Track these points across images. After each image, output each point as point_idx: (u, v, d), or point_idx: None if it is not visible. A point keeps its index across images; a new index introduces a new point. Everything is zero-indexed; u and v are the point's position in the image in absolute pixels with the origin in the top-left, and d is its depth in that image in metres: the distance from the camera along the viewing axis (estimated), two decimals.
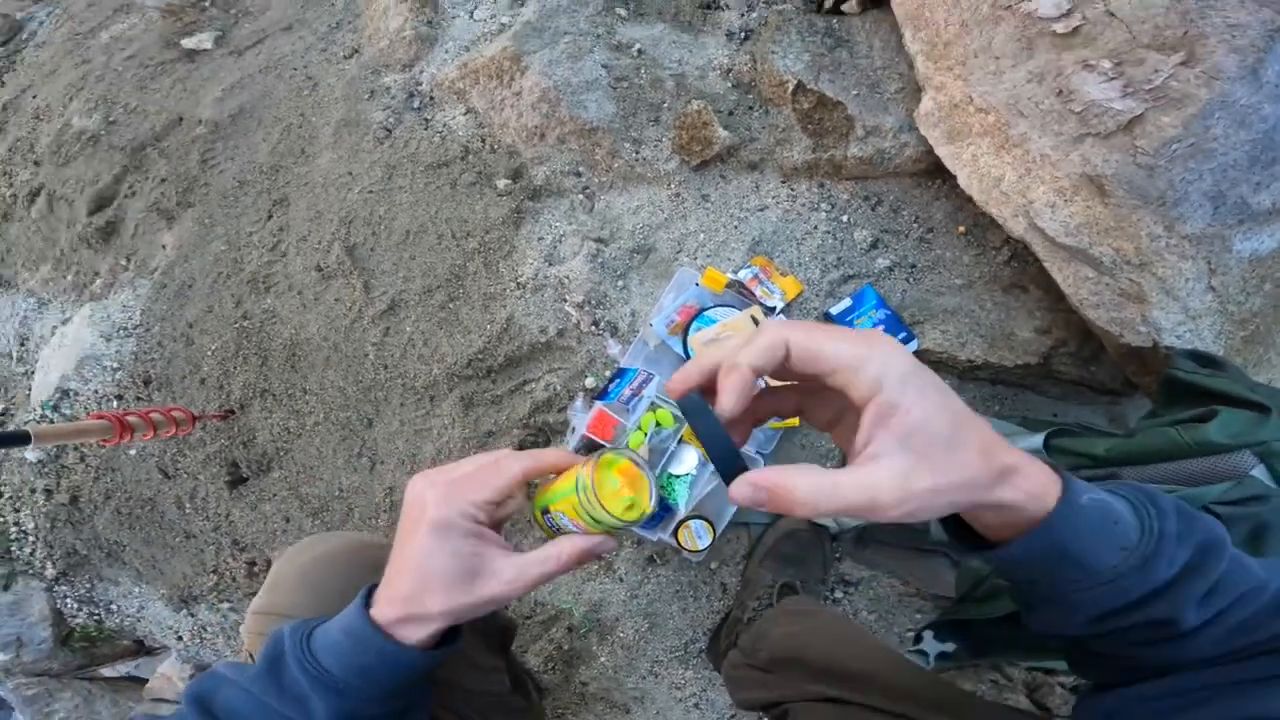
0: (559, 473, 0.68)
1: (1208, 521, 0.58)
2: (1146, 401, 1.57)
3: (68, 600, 1.93)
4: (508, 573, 0.63)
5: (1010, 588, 0.65)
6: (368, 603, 0.66)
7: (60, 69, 2.25)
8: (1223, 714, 0.56)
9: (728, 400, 0.53)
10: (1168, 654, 0.58)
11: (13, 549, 1.92)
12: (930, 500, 0.49)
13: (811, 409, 0.62)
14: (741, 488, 0.52)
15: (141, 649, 2.03)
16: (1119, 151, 1.23)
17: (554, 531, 0.68)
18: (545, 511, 0.68)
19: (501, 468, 0.66)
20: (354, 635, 0.63)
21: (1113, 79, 1.21)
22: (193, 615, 1.89)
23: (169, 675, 1.93)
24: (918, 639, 1.53)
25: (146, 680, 2.00)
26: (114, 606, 1.94)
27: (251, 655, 0.86)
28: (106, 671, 2.01)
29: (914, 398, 0.50)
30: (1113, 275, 1.33)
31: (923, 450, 0.49)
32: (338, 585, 0.87)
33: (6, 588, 1.91)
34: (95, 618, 1.95)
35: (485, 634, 1.08)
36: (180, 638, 1.90)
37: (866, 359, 0.50)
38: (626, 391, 1.48)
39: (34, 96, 2.25)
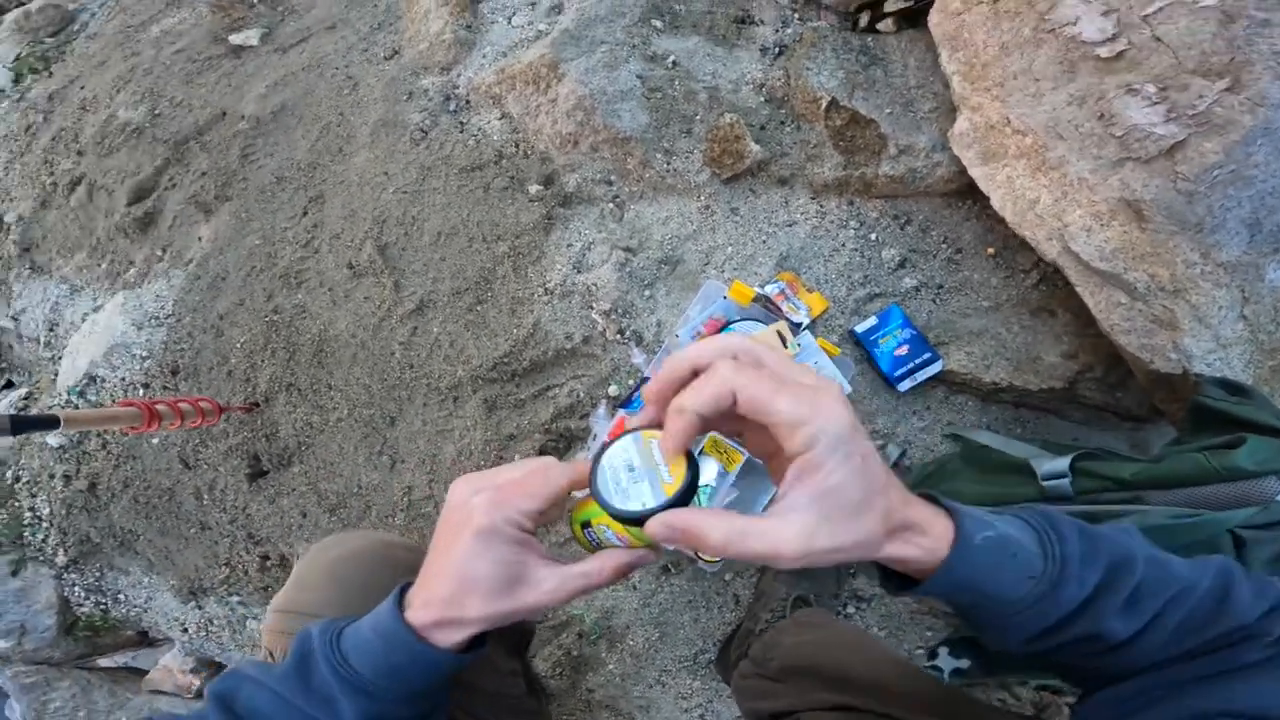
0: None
1: (1113, 538, 0.63)
2: (1169, 429, 1.56)
3: (76, 588, 1.95)
4: (549, 582, 0.62)
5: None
6: (401, 604, 0.65)
7: (109, 61, 2.30)
8: (1169, 713, 0.60)
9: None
10: (1115, 663, 0.63)
11: (25, 534, 1.94)
12: (826, 557, 0.54)
13: (751, 439, 0.66)
14: (656, 526, 0.57)
15: (144, 640, 2.04)
16: (1159, 176, 1.23)
17: (593, 545, 0.66)
18: (586, 525, 0.66)
19: (549, 477, 0.65)
20: (387, 636, 0.63)
21: (1156, 104, 1.20)
22: (200, 608, 1.91)
23: (170, 667, 1.94)
24: (932, 655, 1.53)
25: (145, 671, 2.00)
26: (122, 596, 1.96)
27: (271, 653, 0.86)
28: (103, 662, 2.01)
29: (837, 463, 0.53)
30: (1146, 301, 1.32)
31: (830, 512, 0.53)
32: (364, 584, 0.87)
33: (15, 573, 1.92)
34: (101, 607, 1.96)
35: (505, 637, 1.08)
36: (186, 630, 1.92)
37: (806, 420, 0.53)
38: None
39: (81, 88, 2.30)
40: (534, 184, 1.69)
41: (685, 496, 0.59)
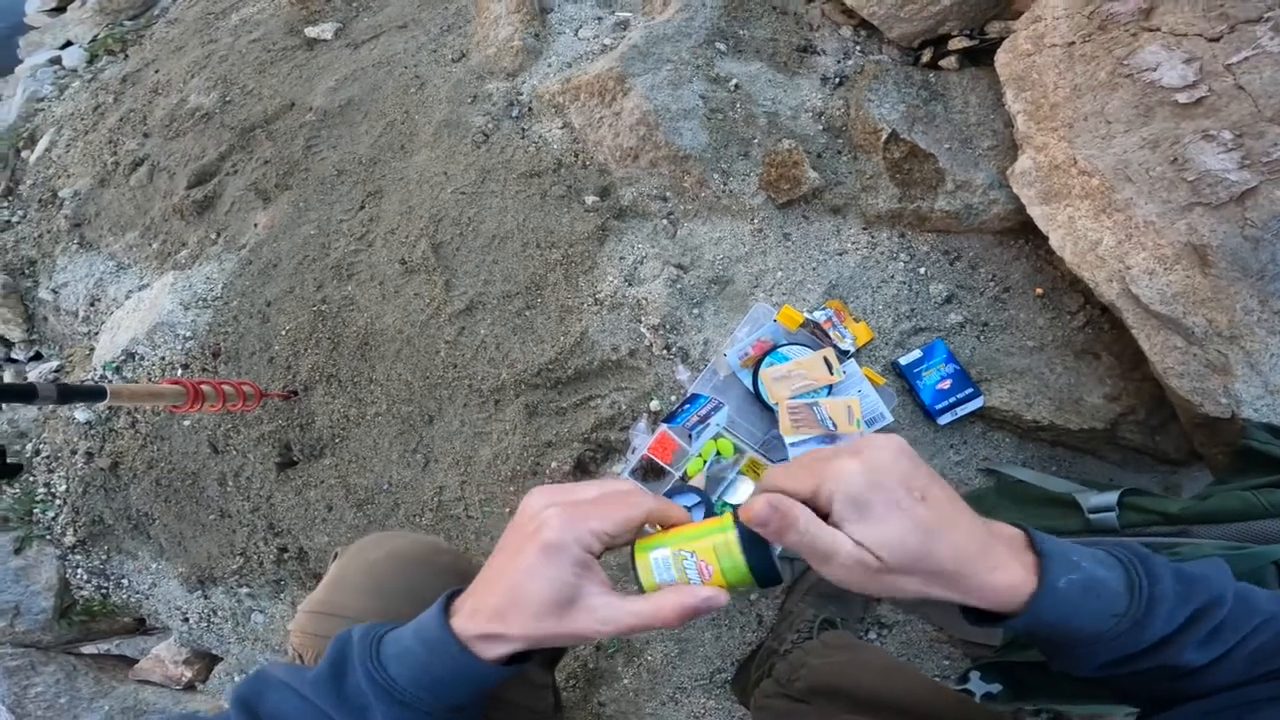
0: (671, 526, 0.66)
1: (1208, 577, 0.64)
2: (1202, 474, 1.58)
3: (79, 570, 1.93)
4: (602, 612, 0.60)
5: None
6: (448, 610, 0.63)
7: (187, 46, 2.35)
8: None
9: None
10: (1186, 687, 0.63)
11: (36, 511, 1.93)
12: (895, 594, 0.60)
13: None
14: (760, 504, 0.60)
15: (140, 628, 1.98)
16: (1228, 223, 1.24)
17: (653, 578, 0.63)
18: (654, 551, 0.64)
19: (631, 501, 0.63)
20: (431, 645, 0.61)
21: (1231, 150, 1.21)
22: (206, 597, 1.88)
23: (162, 658, 1.89)
24: (963, 679, 1.53)
25: (134, 660, 1.94)
26: (126, 581, 1.94)
27: (300, 655, 0.84)
28: (88, 649, 1.95)
29: (861, 519, 0.59)
30: (1202, 346, 1.32)
31: (898, 561, 0.58)
32: (407, 588, 0.85)
33: (18, 551, 1.90)
34: (102, 591, 1.93)
35: (544, 650, 1.09)
36: (187, 619, 1.89)
37: (817, 490, 0.60)
38: (694, 418, 1.51)
39: (156, 71, 2.35)
40: (590, 194, 1.72)
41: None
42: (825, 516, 0.61)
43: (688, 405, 1.52)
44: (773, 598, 1.64)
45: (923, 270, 1.65)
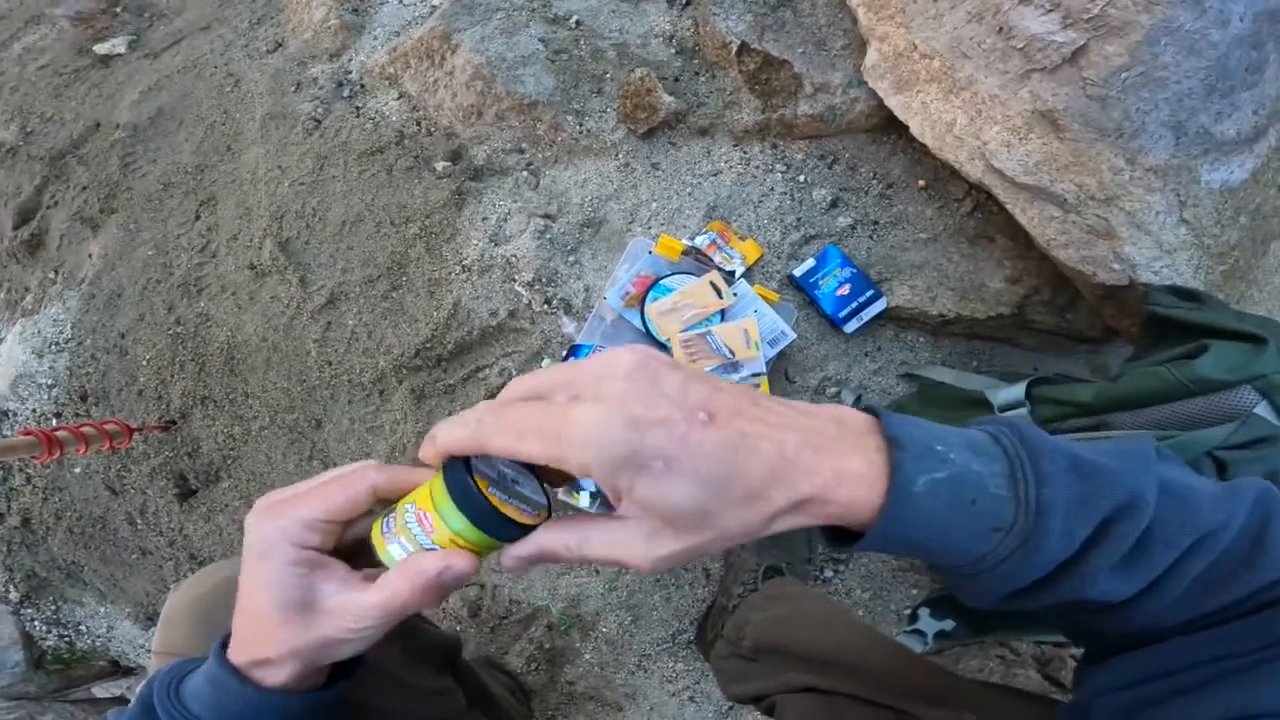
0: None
1: (1119, 472, 0.49)
2: (1129, 350, 1.57)
3: (35, 623, 1.92)
4: (346, 610, 0.54)
5: None
6: (228, 642, 0.59)
7: None
8: (1205, 711, 0.49)
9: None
10: (1117, 626, 0.54)
11: None
12: (685, 558, 0.49)
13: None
14: (510, 560, 0.54)
15: (119, 669, 2.02)
16: (1068, 85, 1.25)
17: (387, 550, 0.54)
18: (385, 518, 0.56)
19: (349, 479, 0.56)
20: (215, 681, 0.58)
21: (1050, 10, 1.22)
22: None
23: None
24: (913, 618, 1.52)
25: (126, 700, 1.98)
26: (83, 628, 1.94)
27: None
28: (99, 692, 2.01)
29: (632, 483, 0.45)
30: (1078, 212, 1.34)
31: (666, 520, 0.47)
32: (230, 618, 0.82)
33: None
34: (66, 639, 1.94)
35: (424, 655, 1.03)
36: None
37: (563, 458, 0.46)
38: None
39: None
40: (440, 160, 1.67)
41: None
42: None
43: (573, 358, 1.48)
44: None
45: (802, 178, 1.65)
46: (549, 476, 0.59)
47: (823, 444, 0.48)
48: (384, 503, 0.57)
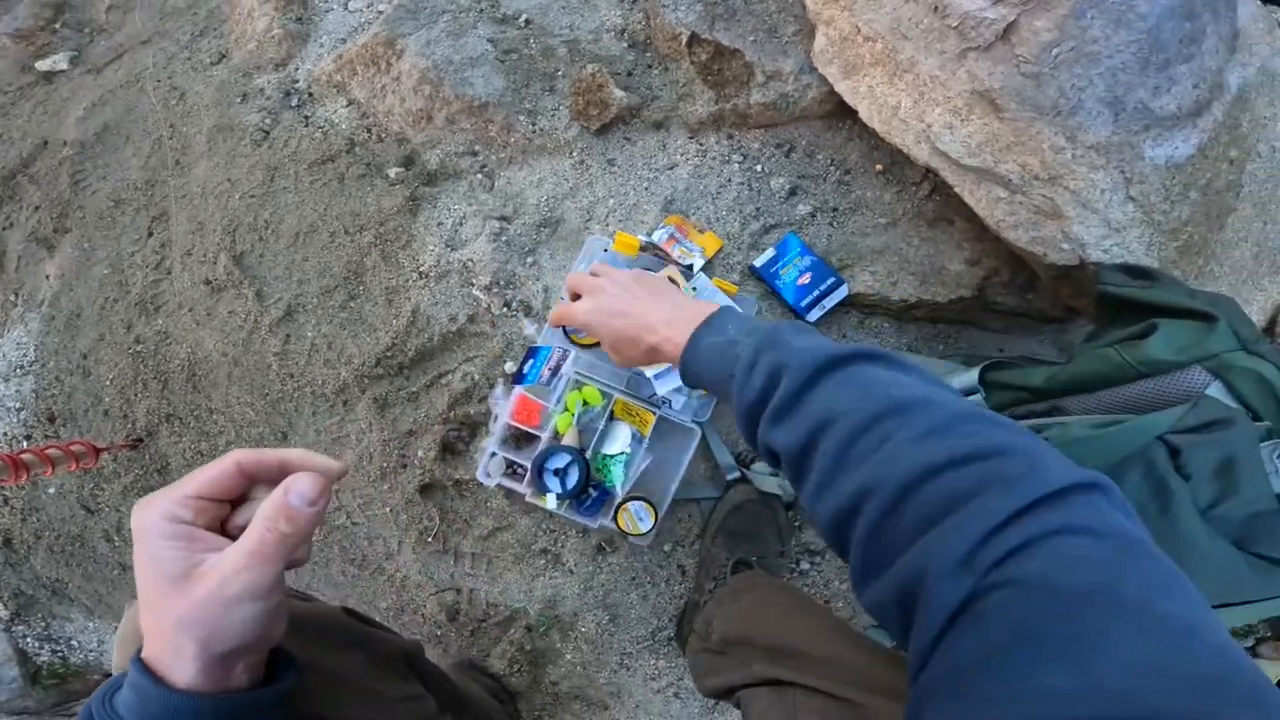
0: (283, 466, 0.65)
1: (792, 350, 0.79)
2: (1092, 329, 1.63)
3: (28, 639, 1.95)
4: (222, 564, 0.59)
5: None
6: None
7: None
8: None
9: None
10: (809, 504, 0.73)
11: None
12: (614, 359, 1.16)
13: None
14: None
15: None
16: (1002, 63, 1.28)
17: None
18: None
19: (216, 461, 0.64)
20: (135, 685, 0.60)
21: None
22: None
23: None
24: None
25: None
26: (74, 643, 1.97)
27: None
28: (78, 709, 2.01)
29: (597, 335, 1.14)
30: (1024, 193, 1.37)
31: (612, 353, 1.15)
32: None
33: None
34: (59, 655, 1.97)
35: (384, 661, 1.04)
36: None
37: (572, 321, 1.18)
38: (545, 371, 1.50)
39: None
40: (393, 167, 1.69)
41: None
42: None
43: (532, 360, 1.51)
44: (689, 544, 1.67)
45: (759, 168, 1.68)
46: None
47: (669, 320, 1.02)
48: (257, 483, 0.66)
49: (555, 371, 1.50)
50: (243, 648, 0.61)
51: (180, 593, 0.58)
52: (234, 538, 0.62)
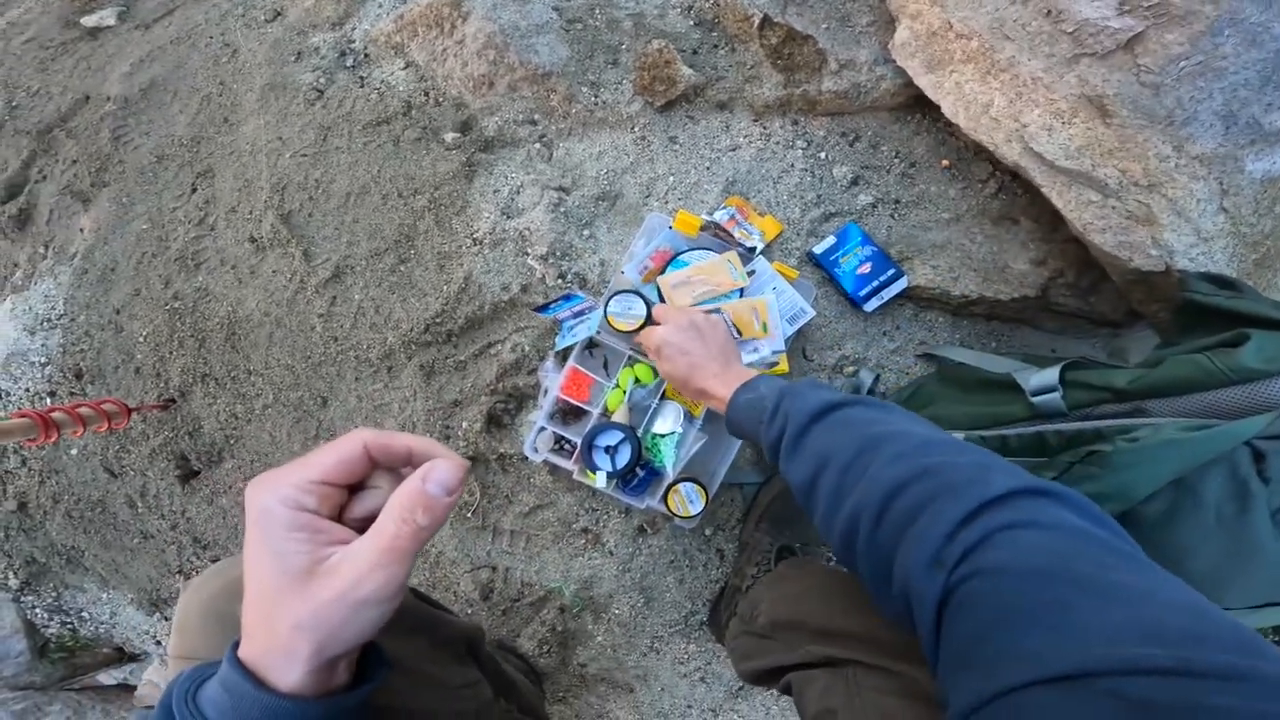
0: (411, 454, 0.62)
1: (802, 400, 0.98)
2: (1148, 333, 1.64)
3: (37, 611, 1.95)
4: (348, 564, 0.55)
5: None
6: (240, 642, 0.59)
7: None
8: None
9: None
10: (826, 534, 0.86)
11: None
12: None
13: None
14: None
15: (124, 656, 2.05)
16: (1120, 71, 1.30)
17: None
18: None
19: (341, 441, 0.60)
20: (229, 686, 0.56)
21: None
22: (166, 619, 1.91)
23: (155, 681, 1.95)
24: None
25: (134, 688, 2.02)
26: (85, 614, 1.96)
27: None
28: (103, 678, 2.03)
29: (661, 363, 1.36)
30: (1119, 198, 1.39)
31: (669, 380, 1.38)
32: None
33: None
34: (69, 627, 1.97)
35: (450, 647, 1.06)
36: (158, 642, 1.93)
37: (646, 344, 1.40)
38: (568, 312, 1.52)
39: None
40: (449, 132, 1.71)
41: None
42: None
43: (563, 300, 1.52)
44: (730, 529, 1.69)
45: (823, 155, 1.70)
46: None
47: (720, 376, 1.24)
48: (380, 469, 0.62)
49: (577, 316, 1.52)
50: (356, 649, 0.59)
51: (303, 592, 0.55)
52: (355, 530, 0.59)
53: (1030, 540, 0.62)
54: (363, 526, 0.59)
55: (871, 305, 1.64)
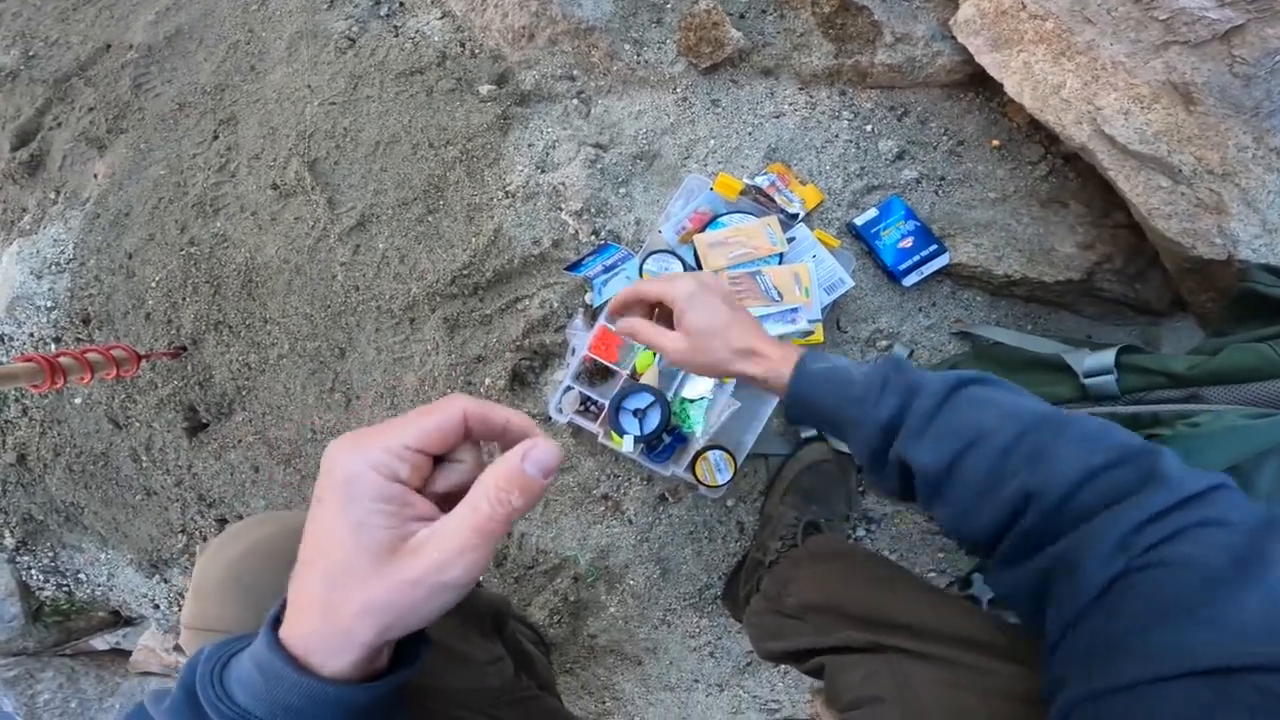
0: (507, 428, 0.58)
1: (919, 375, 0.89)
2: (1185, 324, 1.69)
3: (32, 571, 1.95)
4: (434, 542, 0.51)
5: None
6: (281, 617, 0.55)
7: None
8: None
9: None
10: (942, 515, 0.85)
11: None
12: (690, 364, 1.08)
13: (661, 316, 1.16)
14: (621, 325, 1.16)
15: (120, 619, 2.05)
16: (1211, 60, 1.32)
17: None
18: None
19: (440, 405, 0.55)
20: (265, 669, 0.52)
21: None
22: (166, 581, 1.90)
23: (151, 647, 1.95)
24: (966, 584, 1.56)
25: (129, 653, 2.03)
26: (82, 576, 1.96)
27: None
28: (96, 643, 2.04)
29: (693, 310, 1.07)
30: (1190, 185, 1.41)
31: (693, 337, 1.07)
32: (273, 585, 0.77)
33: None
34: (64, 589, 1.97)
35: (474, 620, 1.05)
36: (157, 606, 1.92)
37: (667, 290, 1.11)
38: (600, 266, 1.52)
39: None
40: (485, 84, 1.73)
41: None
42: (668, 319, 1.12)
43: (593, 255, 1.52)
44: (752, 500, 1.69)
45: (869, 128, 1.72)
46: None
47: (765, 337, 1.07)
48: (471, 442, 0.58)
49: (609, 269, 1.52)
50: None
51: (383, 570, 0.50)
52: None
53: (1218, 538, 0.64)
54: (440, 502, 0.55)
55: (910, 280, 1.65)
